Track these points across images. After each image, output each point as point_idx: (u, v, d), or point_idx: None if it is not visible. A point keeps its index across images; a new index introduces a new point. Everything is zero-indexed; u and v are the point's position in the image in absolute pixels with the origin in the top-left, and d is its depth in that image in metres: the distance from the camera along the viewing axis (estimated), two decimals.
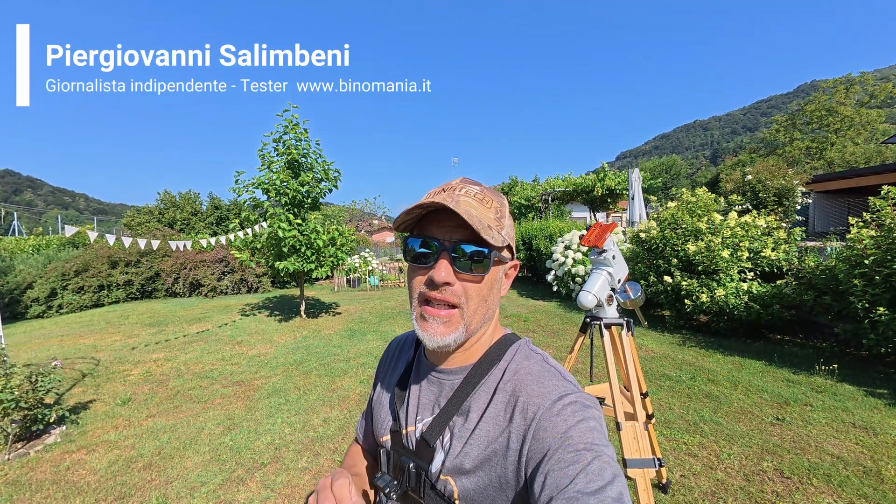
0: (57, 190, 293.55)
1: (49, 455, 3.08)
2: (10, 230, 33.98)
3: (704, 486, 2.42)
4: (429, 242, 0.65)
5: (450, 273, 0.63)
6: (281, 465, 2.85)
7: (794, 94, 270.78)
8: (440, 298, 0.64)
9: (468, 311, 0.65)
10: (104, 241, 10.83)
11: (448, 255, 0.63)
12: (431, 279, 0.63)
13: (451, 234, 0.64)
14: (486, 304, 0.67)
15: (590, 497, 0.48)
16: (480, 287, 0.65)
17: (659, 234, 6.14)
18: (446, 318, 0.64)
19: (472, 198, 0.65)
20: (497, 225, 0.66)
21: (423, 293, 0.65)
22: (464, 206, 0.62)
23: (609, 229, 1.92)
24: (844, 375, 3.97)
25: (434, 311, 0.64)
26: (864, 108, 27.20)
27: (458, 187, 0.67)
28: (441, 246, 0.64)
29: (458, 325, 0.64)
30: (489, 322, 0.71)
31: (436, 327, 0.64)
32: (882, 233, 4.03)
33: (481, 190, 0.68)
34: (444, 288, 0.63)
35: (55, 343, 6.65)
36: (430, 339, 0.64)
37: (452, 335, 0.64)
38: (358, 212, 32.91)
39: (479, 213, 0.64)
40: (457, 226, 0.63)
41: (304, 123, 7.20)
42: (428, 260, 0.65)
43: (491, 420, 0.64)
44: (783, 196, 9.67)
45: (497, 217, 0.67)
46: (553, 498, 0.50)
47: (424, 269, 0.65)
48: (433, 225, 0.66)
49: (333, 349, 5.71)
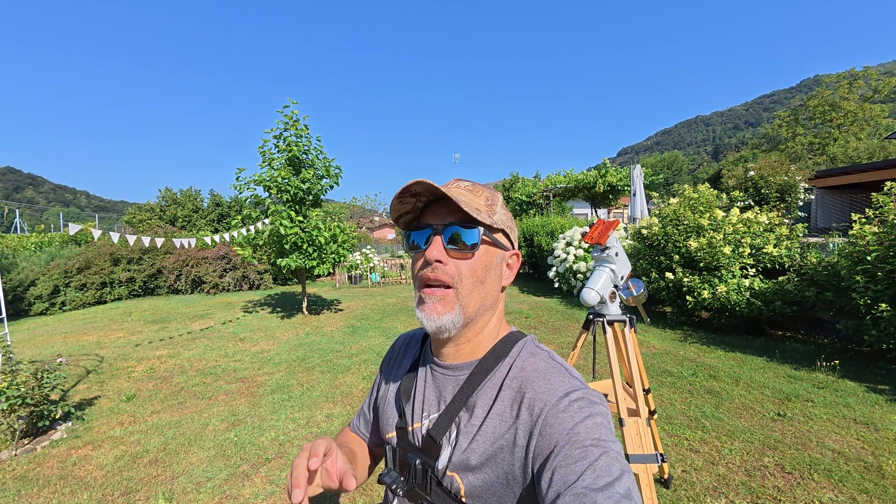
0: (58, 187, 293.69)
1: (55, 451, 3.10)
2: (12, 227, 34.06)
3: (706, 482, 2.44)
4: (424, 230, 0.69)
5: (441, 251, 0.66)
6: (285, 460, 2.88)
7: (798, 89, 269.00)
8: (433, 277, 0.66)
9: (463, 291, 0.66)
10: (107, 239, 10.87)
11: (440, 236, 0.67)
12: (425, 258, 0.67)
13: (442, 218, 0.68)
14: (482, 287, 0.68)
15: (598, 493, 0.48)
16: (473, 265, 0.67)
17: (661, 231, 6.13)
18: (441, 296, 0.66)
19: (463, 189, 0.71)
20: (487, 210, 0.69)
21: (420, 277, 0.68)
22: (454, 193, 0.66)
23: (612, 226, 1.92)
24: (846, 371, 3.98)
25: (430, 290, 0.67)
26: (867, 103, 27.03)
27: (451, 183, 0.73)
28: (434, 230, 0.68)
29: (453, 305, 0.66)
30: (490, 311, 0.72)
31: (432, 306, 0.66)
32: (885, 229, 4.02)
33: (472, 184, 0.73)
34: (437, 266, 0.66)
35: (59, 340, 6.69)
36: (427, 318, 0.67)
37: (449, 315, 0.66)
38: (359, 208, 32.89)
39: (468, 199, 0.68)
40: (449, 211, 0.68)
41: (305, 119, 7.20)
42: (422, 244, 0.69)
43: (497, 416, 0.64)
44: (785, 192, 9.64)
45: (487, 204, 0.70)
46: (561, 494, 0.50)
47: (420, 252, 0.69)
48: (428, 215, 0.70)
49: (336, 346, 5.73)
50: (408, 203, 0.69)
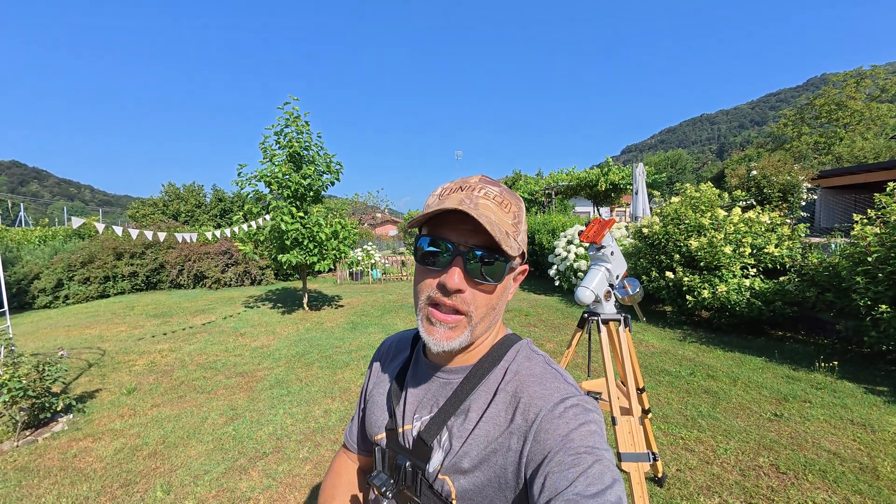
0: (62, 181, 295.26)
1: (56, 442, 3.14)
2: (17, 221, 34.28)
3: (700, 481, 2.44)
4: (442, 244, 0.62)
5: (462, 281, 0.61)
6: (282, 454, 2.90)
7: (804, 88, 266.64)
8: (450, 304, 0.62)
9: (475, 318, 0.64)
10: (111, 233, 10.94)
11: (462, 260, 0.61)
12: (444, 285, 0.61)
13: (466, 238, 0.61)
14: (493, 312, 0.67)
15: (589, 500, 0.49)
16: (491, 297, 0.64)
17: (661, 230, 6.11)
18: (454, 323, 0.63)
19: (492, 201, 0.63)
20: (514, 231, 0.64)
21: (431, 297, 0.63)
22: (483, 209, 0.61)
23: (608, 225, 1.92)
24: (845, 372, 3.97)
25: (442, 315, 0.63)
26: (874, 103, 26.78)
27: (477, 187, 0.64)
28: (455, 250, 0.61)
29: (463, 331, 0.64)
30: (493, 327, 0.71)
31: (442, 332, 0.63)
32: (886, 230, 4.00)
33: (500, 192, 0.65)
34: (455, 295, 0.62)
35: (62, 333, 6.75)
36: (435, 343, 0.63)
37: (458, 339, 0.64)
38: (361, 205, 32.92)
39: (498, 219, 0.61)
40: (473, 230, 0.60)
41: (306, 116, 7.20)
42: (439, 262, 0.63)
43: (491, 420, 0.64)
44: (788, 192, 9.57)
45: (514, 223, 0.64)
46: (552, 500, 0.51)
47: (435, 272, 0.63)
48: (446, 226, 0.63)
49: (335, 341, 5.76)
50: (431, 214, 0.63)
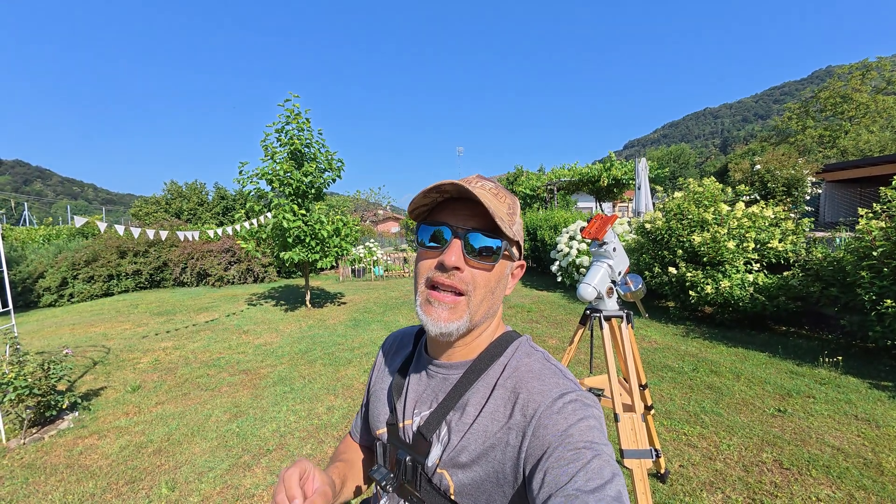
0: (66, 180, 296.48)
1: (62, 440, 3.17)
2: (21, 220, 34.47)
3: (703, 477, 2.44)
4: (441, 229, 0.66)
5: (460, 258, 0.63)
6: (286, 451, 2.92)
7: (809, 81, 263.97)
8: (448, 283, 0.64)
9: (474, 301, 0.65)
10: (113, 231, 10.98)
11: (461, 240, 0.64)
12: (442, 263, 0.63)
13: (464, 221, 0.65)
14: (492, 297, 0.67)
15: (589, 495, 0.48)
16: (489, 277, 0.65)
17: (664, 225, 6.08)
18: (452, 304, 0.64)
19: (487, 192, 0.66)
20: (509, 220, 0.66)
21: (430, 277, 0.65)
22: (480, 196, 0.63)
23: (609, 221, 1.91)
24: (849, 368, 3.95)
25: (440, 295, 0.64)
26: (880, 95, 26.48)
27: (474, 181, 0.68)
28: (454, 232, 0.64)
29: (463, 314, 0.64)
30: (492, 318, 0.72)
31: (440, 312, 0.64)
32: (892, 224, 3.97)
33: (495, 186, 0.69)
34: (453, 273, 0.63)
35: (67, 331, 6.80)
36: (433, 324, 0.64)
37: (456, 323, 0.64)
38: (363, 202, 32.92)
39: (494, 205, 0.64)
40: (471, 215, 0.65)
41: (307, 113, 7.18)
42: (439, 245, 0.65)
43: (489, 415, 0.64)
44: (792, 186, 9.50)
45: (509, 213, 0.67)
46: (552, 495, 0.51)
47: (434, 252, 0.66)
48: (446, 212, 0.67)
49: (338, 339, 5.77)
50: (430, 198, 0.67)
